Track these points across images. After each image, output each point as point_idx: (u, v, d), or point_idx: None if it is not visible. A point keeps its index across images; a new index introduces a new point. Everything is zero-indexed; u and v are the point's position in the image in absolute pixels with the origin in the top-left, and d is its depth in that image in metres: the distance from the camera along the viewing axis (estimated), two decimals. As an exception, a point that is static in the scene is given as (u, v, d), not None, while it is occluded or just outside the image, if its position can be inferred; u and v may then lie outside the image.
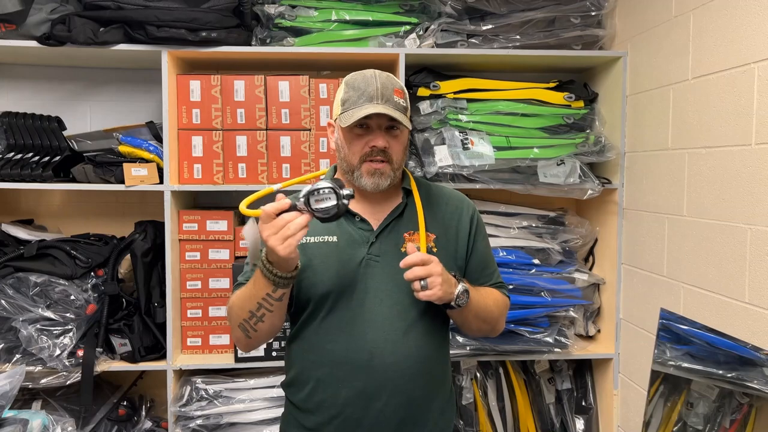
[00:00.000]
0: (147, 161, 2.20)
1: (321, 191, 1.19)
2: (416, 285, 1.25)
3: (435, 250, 1.40)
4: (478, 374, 2.41)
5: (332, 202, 1.19)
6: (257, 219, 1.26)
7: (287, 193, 1.51)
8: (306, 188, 1.21)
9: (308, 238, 1.38)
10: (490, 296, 1.45)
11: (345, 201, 1.20)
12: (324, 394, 1.38)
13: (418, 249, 1.35)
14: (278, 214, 1.20)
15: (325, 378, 1.38)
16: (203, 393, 2.20)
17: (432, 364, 1.41)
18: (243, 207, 1.32)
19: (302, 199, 1.20)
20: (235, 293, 1.40)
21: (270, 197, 1.47)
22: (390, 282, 1.35)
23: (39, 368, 2.10)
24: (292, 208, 1.20)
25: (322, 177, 1.50)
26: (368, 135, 1.34)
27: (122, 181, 2.16)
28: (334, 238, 1.38)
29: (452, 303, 1.30)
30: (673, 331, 1.87)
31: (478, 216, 1.51)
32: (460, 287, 1.31)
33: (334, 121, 1.41)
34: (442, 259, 1.36)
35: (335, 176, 1.47)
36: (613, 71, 2.33)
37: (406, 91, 1.39)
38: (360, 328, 1.35)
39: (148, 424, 2.33)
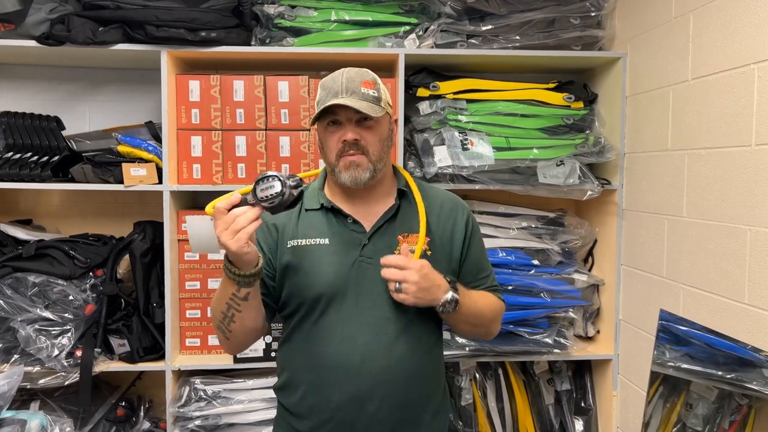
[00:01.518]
0: (146, 161, 2.20)
1: (267, 179, 1.19)
2: (391, 286, 1.27)
3: (429, 253, 1.39)
4: (477, 375, 2.41)
5: (277, 189, 1.19)
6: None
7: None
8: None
9: (299, 240, 1.38)
10: (483, 300, 1.43)
11: (291, 184, 1.20)
12: (315, 398, 1.37)
13: (413, 252, 1.34)
14: (230, 210, 1.20)
15: (316, 382, 1.37)
16: (202, 393, 2.20)
17: (425, 366, 1.40)
18: (209, 207, 1.31)
19: (251, 192, 1.20)
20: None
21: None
22: (383, 285, 1.34)
23: (37, 368, 2.10)
24: (243, 202, 1.21)
25: (312, 180, 1.50)
26: (340, 130, 1.34)
27: (121, 181, 2.16)
28: (326, 240, 1.37)
29: (436, 308, 1.31)
30: (672, 332, 1.86)
31: (473, 219, 1.50)
32: (448, 295, 1.30)
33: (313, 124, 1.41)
34: (437, 263, 1.36)
35: (326, 178, 1.47)
36: (612, 72, 2.33)
37: (379, 82, 1.37)
38: (352, 332, 1.34)
39: (146, 425, 2.32)
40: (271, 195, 1.19)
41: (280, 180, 1.19)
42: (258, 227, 1.39)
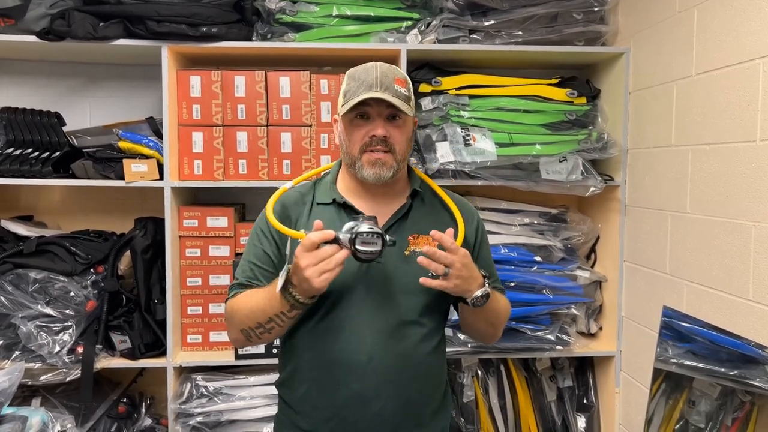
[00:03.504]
0: (147, 157, 2.19)
1: (372, 235, 1.19)
2: (439, 269, 1.23)
3: None
4: (479, 372, 2.40)
5: (377, 247, 1.20)
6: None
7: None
8: (350, 225, 1.20)
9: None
10: (501, 301, 1.45)
11: (389, 244, 1.21)
12: (320, 395, 1.36)
13: (416, 253, 1.33)
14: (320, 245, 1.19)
15: (321, 379, 1.36)
16: (203, 390, 2.19)
17: (429, 366, 1.40)
18: (277, 222, 1.31)
19: (348, 236, 1.19)
20: (238, 296, 1.38)
21: (260, 194, 1.46)
22: (391, 284, 1.34)
23: (38, 365, 2.09)
24: (335, 240, 1.20)
25: (326, 172, 1.49)
26: (368, 125, 1.33)
27: (122, 177, 2.15)
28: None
29: (467, 300, 1.30)
30: (675, 329, 1.86)
31: (482, 226, 1.51)
32: (482, 291, 1.30)
33: (338, 115, 1.39)
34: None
35: (339, 171, 1.46)
36: (615, 67, 2.31)
37: (409, 81, 1.37)
38: (359, 330, 1.33)
39: (147, 421, 2.32)
40: (370, 251, 1.20)
41: (383, 240, 1.20)
42: (271, 220, 1.37)
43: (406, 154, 1.38)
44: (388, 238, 1.21)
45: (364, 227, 1.19)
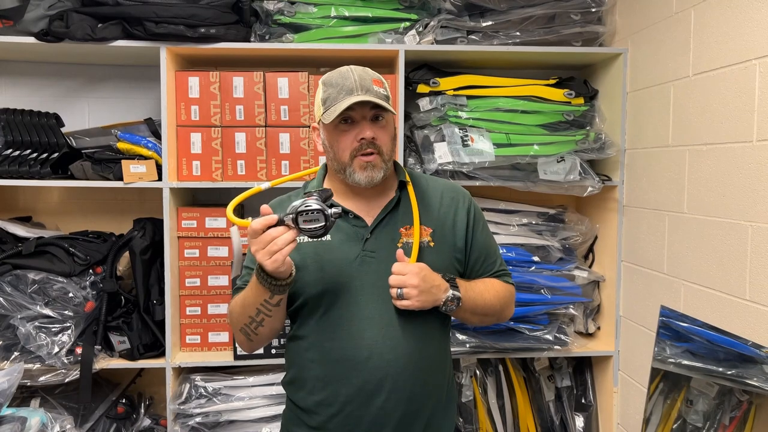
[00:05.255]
0: (145, 158, 2.19)
1: (312, 212, 1.21)
2: (392, 292, 1.29)
3: (432, 244, 1.40)
4: (477, 372, 2.40)
5: (320, 223, 1.21)
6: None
7: (282, 191, 1.52)
8: (295, 205, 1.22)
9: (301, 238, 1.38)
10: (490, 290, 1.45)
11: (333, 220, 1.22)
12: (324, 392, 1.38)
13: (408, 244, 1.36)
14: (265, 230, 1.22)
15: (324, 376, 1.37)
16: (202, 390, 2.19)
17: (431, 359, 1.41)
18: (230, 213, 1.35)
19: (290, 217, 1.21)
20: (234, 298, 1.42)
21: (258, 196, 1.48)
22: (386, 278, 1.34)
23: (37, 366, 2.09)
24: (280, 222, 1.22)
25: (312, 178, 1.50)
26: (354, 129, 1.34)
27: (121, 178, 2.16)
28: (328, 237, 1.38)
29: (439, 308, 1.33)
30: (673, 329, 1.86)
31: (475, 206, 1.50)
32: (449, 294, 1.33)
33: (318, 123, 1.40)
34: (440, 253, 1.38)
35: (326, 176, 1.46)
36: (613, 68, 2.32)
37: (385, 81, 1.38)
38: (358, 326, 1.35)
39: (146, 422, 2.32)
40: (314, 228, 1.21)
41: (324, 215, 1.21)
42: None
43: (392, 153, 1.39)
44: (332, 211, 1.22)
45: (305, 206, 1.21)
